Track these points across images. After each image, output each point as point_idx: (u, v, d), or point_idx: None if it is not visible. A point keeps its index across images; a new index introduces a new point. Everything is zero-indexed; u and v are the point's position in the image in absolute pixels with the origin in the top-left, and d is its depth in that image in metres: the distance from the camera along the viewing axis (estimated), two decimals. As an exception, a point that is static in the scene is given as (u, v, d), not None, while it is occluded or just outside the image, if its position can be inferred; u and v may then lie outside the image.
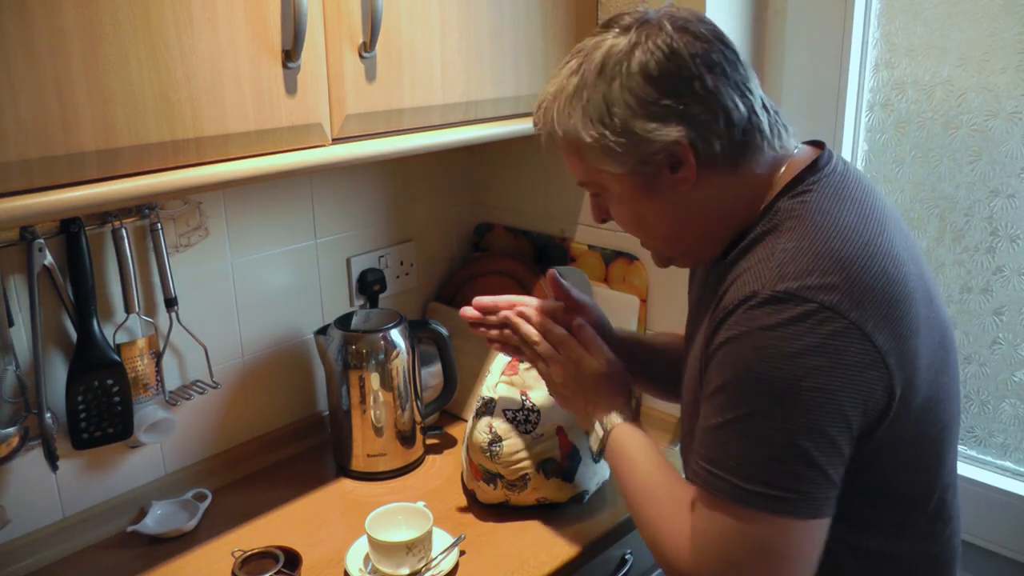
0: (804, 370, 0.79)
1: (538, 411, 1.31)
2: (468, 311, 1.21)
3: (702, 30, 0.89)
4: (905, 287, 0.85)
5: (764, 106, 0.91)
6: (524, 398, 1.32)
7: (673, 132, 0.87)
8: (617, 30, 0.90)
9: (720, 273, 0.94)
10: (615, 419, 1.06)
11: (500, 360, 1.38)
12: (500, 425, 1.31)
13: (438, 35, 1.21)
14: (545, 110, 0.95)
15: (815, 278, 0.81)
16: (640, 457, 1.02)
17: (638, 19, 0.90)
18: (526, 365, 1.33)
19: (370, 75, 1.14)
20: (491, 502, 1.35)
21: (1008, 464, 1.39)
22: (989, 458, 1.41)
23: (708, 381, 0.87)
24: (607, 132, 0.89)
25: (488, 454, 1.30)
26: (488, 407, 1.33)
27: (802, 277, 0.81)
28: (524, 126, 1.37)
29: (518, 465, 1.30)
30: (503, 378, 1.35)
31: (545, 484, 1.31)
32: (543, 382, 1.26)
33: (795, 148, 0.95)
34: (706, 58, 0.87)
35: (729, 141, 0.89)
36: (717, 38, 0.89)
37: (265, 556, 1.19)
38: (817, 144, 0.97)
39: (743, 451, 0.83)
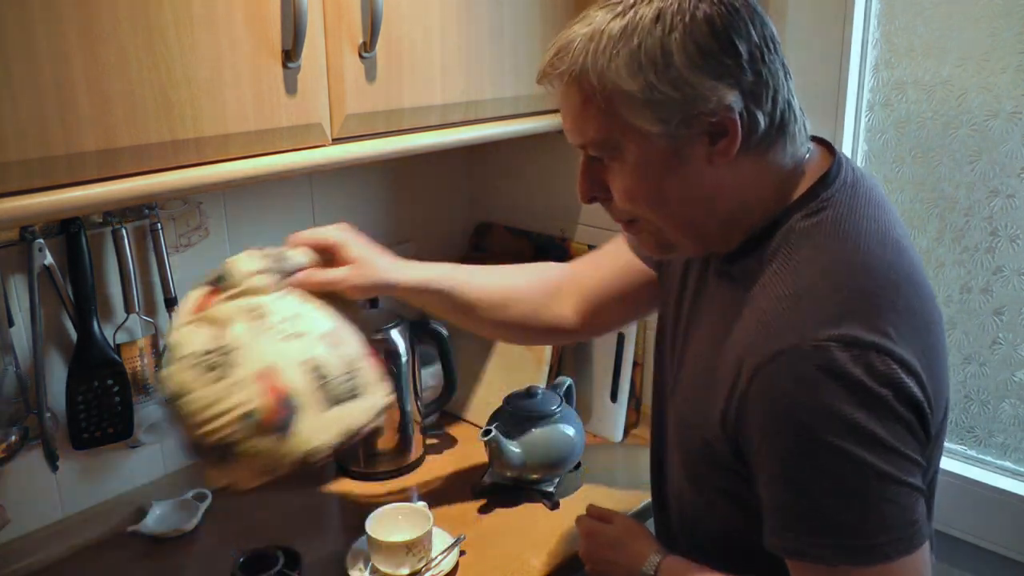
0: (867, 415, 0.77)
1: (234, 350, 0.96)
2: None
3: (753, 2, 0.85)
4: (930, 316, 0.85)
5: (794, 95, 0.89)
6: (219, 334, 0.97)
7: (730, 96, 0.81)
8: None
9: (730, 282, 0.91)
10: (654, 559, 1.02)
11: (193, 295, 1.03)
12: (181, 376, 0.96)
13: (438, 35, 1.21)
14: (576, 51, 0.83)
15: (849, 322, 0.79)
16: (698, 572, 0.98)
17: None
18: (227, 294, 1.00)
19: (370, 75, 1.14)
20: (215, 486, 1.10)
21: (1008, 464, 1.39)
22: (989, 458, 1.41)
23: (771, 455, 0.82)
24: (658, 82, 0.80)
25: (172, 415, 0.98)
26: (167, 358, 0.99)
27: (838, 322, 0.79)
28: (524, 126, 1.37)
29: (210, 427, 0.94)
30: (191, 317, 1.00)
31: (257, 447, 0.95)
32: (254, 313, 0.98)
33: (808, 151, 0.91)
34: (764, 29, 0.84)
35: (770, 120, 0.84)
36: (765, 15, 0.86)
37: (265, 556, 1.19)
38: (825, 144, 0.95)
39: (845, 509, 0.79)
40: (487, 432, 1.32)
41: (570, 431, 1.38)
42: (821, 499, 0.80)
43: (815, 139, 0.94)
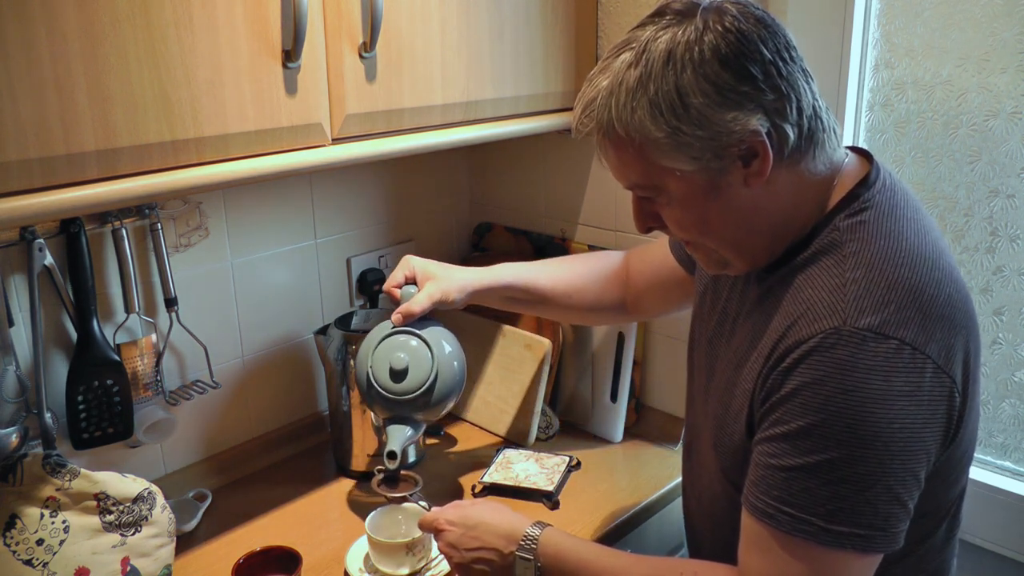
0: (894, 413, 0.79)
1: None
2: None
3: (762, 14, 0.85)
4: (967, 312, 0.86)
5: (819, 96, 0.89)
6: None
7: (753, 121, 0.82)
8: (670, 16, 0.84)
9: (769, 287, 0.93)
10: (532, 531, 1.04)
11: None
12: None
13: (438, 35, 1.21)
14: (599, 107, 0.86)
15: (892, 312, 0.80)
16: (597, 550, 1.02)
17: (691, 4, 0.84)
18: None
19: (370, 75, 1.14)
20: None
21: (1008, 464, 1.39)
22: (989, 458, 1.41)
23: (784, 419, 0.84)
24: (681, 125, 0.82)
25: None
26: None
27: (880, 311, 0.81)
28: (524, 126, 1.37)
29: None
30: None
31: None
32: None
33: (845, 156, 0.93)
34: (775, 42, 0.83)
35: (799, 131, 0.85)
36: (776, 23, 0.86)
37: (407, 480, 1.24)
38: (861, 152, 0.96)
39: (832, 495, 0.81)
40: (391, 455, 1.17)
41: (447, 364, 1.21)
42: (812, 476, 0.82)
43: (852, 149, 0.96)
